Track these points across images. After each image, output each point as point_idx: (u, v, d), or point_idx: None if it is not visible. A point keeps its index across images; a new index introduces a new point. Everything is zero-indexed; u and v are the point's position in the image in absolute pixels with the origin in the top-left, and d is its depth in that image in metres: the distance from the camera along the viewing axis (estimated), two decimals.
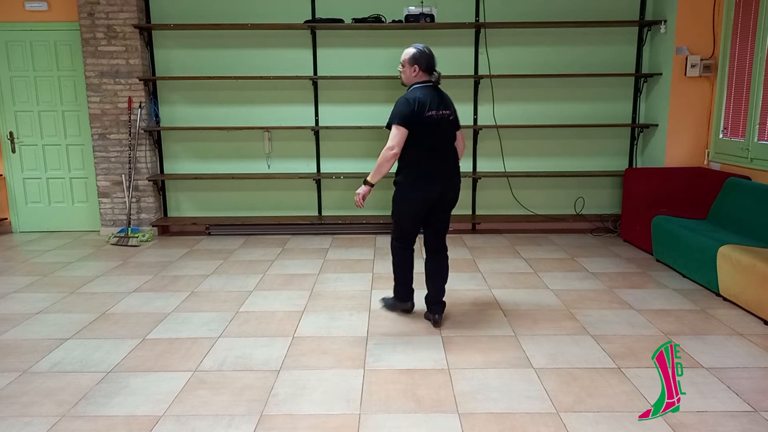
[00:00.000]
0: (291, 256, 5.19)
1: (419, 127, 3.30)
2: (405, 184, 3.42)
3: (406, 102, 3.31)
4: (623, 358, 3.10)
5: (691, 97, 5.46)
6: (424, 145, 3.35)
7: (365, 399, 2.71)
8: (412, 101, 3.30)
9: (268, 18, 5.78)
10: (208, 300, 4.06)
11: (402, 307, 3.75)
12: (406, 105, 3.30)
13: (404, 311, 3.77)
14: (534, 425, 2.48)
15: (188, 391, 2.79)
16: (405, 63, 3.42)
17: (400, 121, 3.28)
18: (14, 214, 6.20)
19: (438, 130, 3.37)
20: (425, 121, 3.31)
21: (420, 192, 3.39)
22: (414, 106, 3.29)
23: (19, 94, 5.95)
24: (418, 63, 3.38)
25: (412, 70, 3.40)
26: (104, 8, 5.62)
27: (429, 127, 3.33)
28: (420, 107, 3.29)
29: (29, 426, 2.51)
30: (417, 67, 3.38)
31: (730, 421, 2.50)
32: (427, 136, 3.35)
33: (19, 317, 3.77)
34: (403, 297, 3.72)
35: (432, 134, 3.36)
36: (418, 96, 3.32)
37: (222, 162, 6.11)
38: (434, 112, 3.34)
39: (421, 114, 3.30)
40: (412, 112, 3.28)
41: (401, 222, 3.53)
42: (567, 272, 4.62)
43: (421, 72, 3.39)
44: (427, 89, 3.38)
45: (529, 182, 6.12)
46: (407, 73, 3.43)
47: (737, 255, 3.73)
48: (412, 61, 3.38)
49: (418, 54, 3.38)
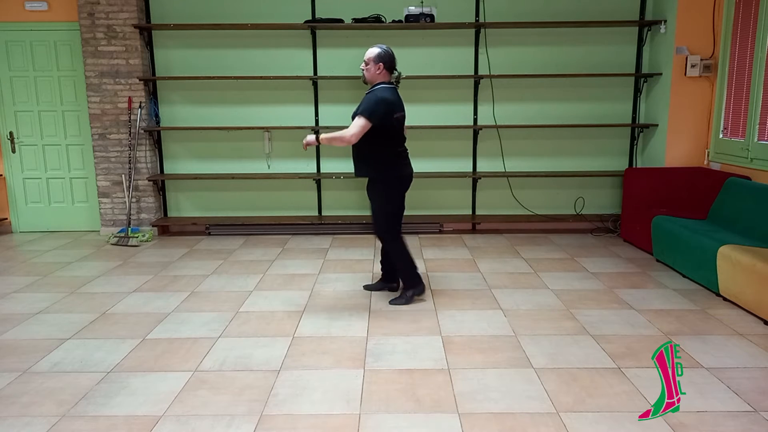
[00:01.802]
0: (291, 256, 5.19)
1: (391, 126, 3.65)
2: (395, 174, 3.75)
3: (382, 102, 3.57)
4: (623, 358, 3.10)
5: (691, 97, 5.46)
6: (396, 143, 3.74)
7: (365, 399, 2.71)
8: (388, 102, 3.59)
9: (268, 18, 5.78)
10: (208, 300, 4.06)
11: (420, 292, 3.97)
12: (382, 105, 3.57)
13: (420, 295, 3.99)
14: (534, 425, 2.48)
15: (188, 391, 2.79)
16: (370, 61, 3.66)
17: (372, 117, 3.54)
18: (14, 214, 6.20)
19: (401, 130, 3.78)
20: (395, 121, 3.66)
21: (406, 182, 3.80)
22: (387, 107, 3.59)
23: (19, 94, 5.95)
24: (383, 61, 3.65)
25: (376, 68, 3.66)
26: (104, 8, 5.62)
27: (397, 127, 3.71)
28: (391, 108, 3.62)
29: (29, 426, 2.51)
30: (382, 65, 3.65)
31: (730, 421, 2.50)
32: (397, 135, 3.74)
33: (19, 317, 3.77)
34: (418, 281, 3.96)
35: (399, 133, 3.75)
36: (389, 96, 3.63)
37: (222, 162, 6.11)
38: (400, 113, 3.72)
39: (391, 115, 3.63)
40: (385, 112, 3.58)
41: (395, 214, 3.82)
42: (567, 272, 4.62)
43: (385, 71, 3.67)
44: (392, 91, 3.69)
45: (529, 182, 6.12)
46: (371, 72, 3.68)
47: (737, 255, 3.73)
48: (378, 59, 3.65)
49: (383, 53, 3.66)
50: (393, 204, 3.79)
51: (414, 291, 3.93)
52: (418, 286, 3.95)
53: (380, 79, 3.69)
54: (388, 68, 3.68)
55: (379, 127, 3.59)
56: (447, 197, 6.19)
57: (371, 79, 3.70)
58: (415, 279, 3.93)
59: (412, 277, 3.93)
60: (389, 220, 3.81)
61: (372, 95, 3.62)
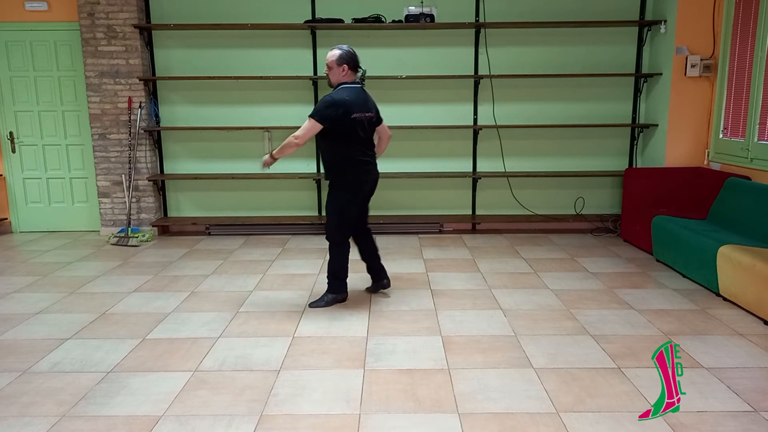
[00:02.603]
0: (291, 256, 5.19)
1: (347, 127, 3.53)
2: (351, 178, 3.64)
3: (332, 103, 3.48)
4: (623, 358, 3.10)
5: (691, 97, 5.46)
6: (356, 147, 3.61)
7: (365, 399, 2.71)
8: (339, 103, 3.48)
9: (268, 18, 5.78)
10: (208, 300, 4.06)
11: (341, 300, 3.92)
12: (331, 107, 3.47)
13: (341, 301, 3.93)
14: (534, 425, 2.48)
15: (188, 391, 2.79)
16: (332, 65, 3.60)
17: (319, 118, 3.47)
18: (14, 214, 6.19)
19: (363, 131, 3.62)
20: (352, 122, 3.53)
21: (364, 185, 3.69)
22: (339, 109, 3.47)
23: (19, 94, 5.95)
24: (347, 62, 3.58)
25: (341, 70, 3.59)
26: (104, 8, 5.62)
27: (355, 128, 3.56)
28: (346, 109, 3.49)
29: (29, 426, 2.51)
30: (346, 66, 3.58)
31: (730, 421, 2.50)
32: (356, 136, 3.58)
33: (19, 317, 3.77)
34: (343, 289, 3.91)
35: (358, 134, 3.59)
36: (345, 97, 3.51)
37: (222, 162, 6.11)
38: (359, 114, 3.56)
39: (347, 115, 3.50)
40: (336, 114, 3.47)
41: (347, 218, 3.71)
42: (567, 272, 4.62)
43: (350, 71, 3.60)
44: (353, 90, 3.59)
45: (529, 182, 6.12)
46: (336, 74, 3.61)
47: (737, 255, 3.73)
48: (341, 61, 3.57)
49: (344, 54, 3.58)
50: (348, 212, 3.70)
51: (335, 297, 3.88)
52: (341, 293, 3.90)
53: (345, 79, 3.62)
54: (352, 68, 3.61)
55: (335, 130, 3.51)
56: (447, 197, 6.19)
57: (336, 82, 3.64)
58: (342, 287, 3.89)
59: (340, 284, 3.87)
60: (341, 227, 3.73)
61: (326, 96, 3.57)
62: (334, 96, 3.53)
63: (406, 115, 5.90)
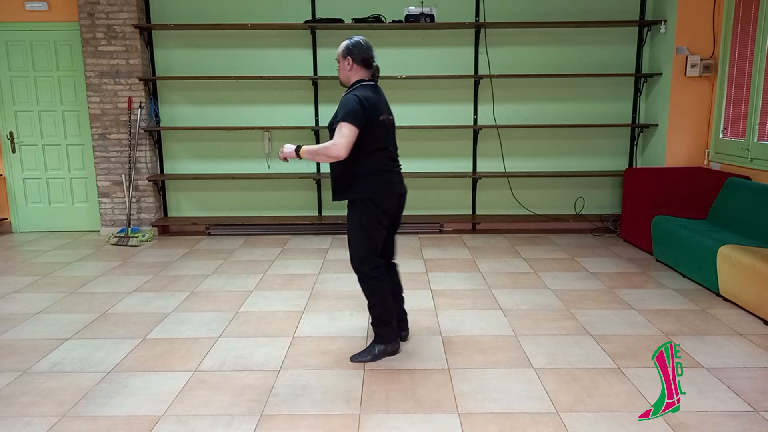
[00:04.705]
0: (291, 256, 5.19)
1: (377, 131, 2.96)
2: (374, 194, 2.99)
3: (363, 103, 2.88)
4: (623, 358, 3.10)
5: (691, 97, 5.46)
6: (385, 153, 3.03)
7: (365, 399, 2.71)
8: (370, 101, 2.91)
9: (268, 18, 5.78)
10: (208, 300, 4.06)
11: (393, 350, 3.16)
12: (364, 107, 2.88)
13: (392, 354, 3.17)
14: (534, 425, 2.48)
15: (188, 391, 2.79)
16: (339, 58, 3.04)
17: (358, 122, 2.84)
18: (14, 214, 6.20)
19: (389, 135, 3.06)
20: (381, 125, 2.98)
21: (391, 201, 3.05)
22: (371, 109, 2.91)
23: (19, 94, 5.95)
24: (352, 54, 2.99)
25: (346, 64, 3.01)
26: (104, 8, 5.62)
27: (385, 132, 3.02)
28: (375, 110, 2.93)
29: (29, 426, 2.51)
30: (350, 59, 2.99)
31: (730, 421, 2.50)
32: (384, 142, 3.02)
33: (19, 317, 3.77)
34: (393, 336, 3.15)
35: (386, 139, 3.03)
36: (371, 94, 2.95)
37: (222, 162, 6.11)
38: (386, 116, 3.02)
39: (377, 117, 2.94)
40: (367, 114, 2.89)
41: (371, 238, 3.02)
42: (567, 272, 4.62)
43: (356, 66, 3.00)
44: (373, 88, 3.02)
45: (529, 182, 6.12)
46: (344, 70, 3.03)
47: (737, 255, 3.73)
48: (346, 52, 3.00)
49: (351, 45, 3.00)
50: (376, 235, 3.02)
51: (385, 348, 3.12)
52: (392, 342, 3.14)
53: (357, 76, 3.02)
54: (361, 62, 2.99)
55: (362, 135, 2.88)
56: (447, 197, 6.19)
57: (346, 79, 3.05)
58: (391, 333, 3.12)
59: (387, 330, 3.11)
60: (368, 255, 3.04)
61: (350, 96, 2.92)
62: (359, 94, 2.90)
63: (406, 115, 5.90)
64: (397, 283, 3.29)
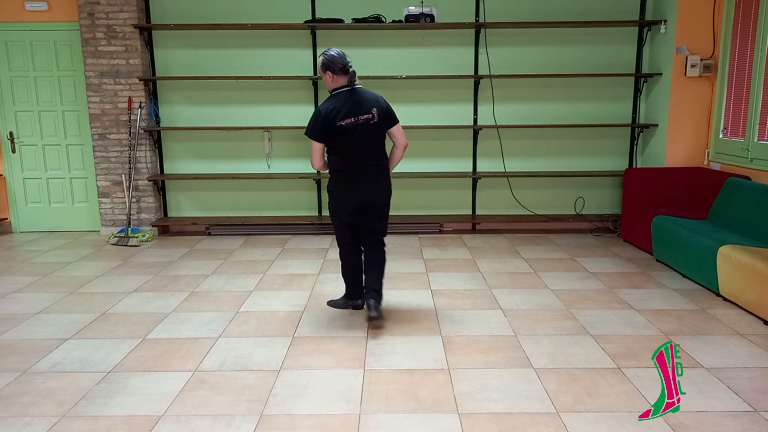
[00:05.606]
0: (291, 256, 5.19)
1: (331, 138, 3.35)
2: (332, 191, 3.52)
3: (317, 115, 3.35)
4: (623, 358, 3.10)
5: (691, 97, 5.46)
6: (341, 155, 3.41)
7: (365, 399, 2.71)
8: (323, 113, 3.32)
9: (268, 18, 5.78)
10: (208, 300, 4.06)
11: (354, 305, 3.80)
12: (315, 119, 3.35)
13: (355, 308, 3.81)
14: (534, 425, 2.48)
15: (188, 391, 2.79)
16: (321, 73, 3.43)
17: (312, 135, 3.38)
18: (14, 214, 6.20)
19: (353, 139, 3.36)
20: (337, 131, 3.32)
21: (343, 199, 3.47)
22: (319, 121, 3.33)
23: (19, 94, 5.95)
24: (330, 68, 3.36)
25: (328, 77, 3.39)
26: (104, 8, 5.62)
27: (342, 137, 3.35)
28: (329, 119, 3.31)
29: (29, 426, 2.51)
30: (330, 72, 3.36)
31: (730, 421, 2.50)
32: (341, 146, 3.38)
33: (19, 317, 3.77)
34: (351, 295, 3.79)
35: (345, 143, 3.37)
36: (329, 106, 3.33)
37: (222, 162, 6.11)
38: (349, 120, 3.33)
39: (332, 125, 3.31)
40: (321, 126, 3.33)
41: (334, 226, 3.64)
42: (567, 272, 4.62)
43: (336, 76, 3.37)
44: (342, 96, 3.37)
45: (529, 182, 6.12)
46: (327, 81, 3.42)
47: (737, 255, 3.73)
48: (324, 68, 3.37)
49: (325, 60, 3.36)
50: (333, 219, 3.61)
51: (346, 301, 3.82)
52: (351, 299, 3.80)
53: (336, 84, 3.39)
54: (340, 71, 3.36)
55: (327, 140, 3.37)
56: (447, 197, 6.19)
57: (330, 89, 3.45)
58: (348, 291, 3.80)
59: (346, 289, 3.80)
60: (336, 232, 3.66)
61: None
62: (318, 108, 3.38)
63: (407, 115, 5.89)
64: (368, 261, 3.65)
